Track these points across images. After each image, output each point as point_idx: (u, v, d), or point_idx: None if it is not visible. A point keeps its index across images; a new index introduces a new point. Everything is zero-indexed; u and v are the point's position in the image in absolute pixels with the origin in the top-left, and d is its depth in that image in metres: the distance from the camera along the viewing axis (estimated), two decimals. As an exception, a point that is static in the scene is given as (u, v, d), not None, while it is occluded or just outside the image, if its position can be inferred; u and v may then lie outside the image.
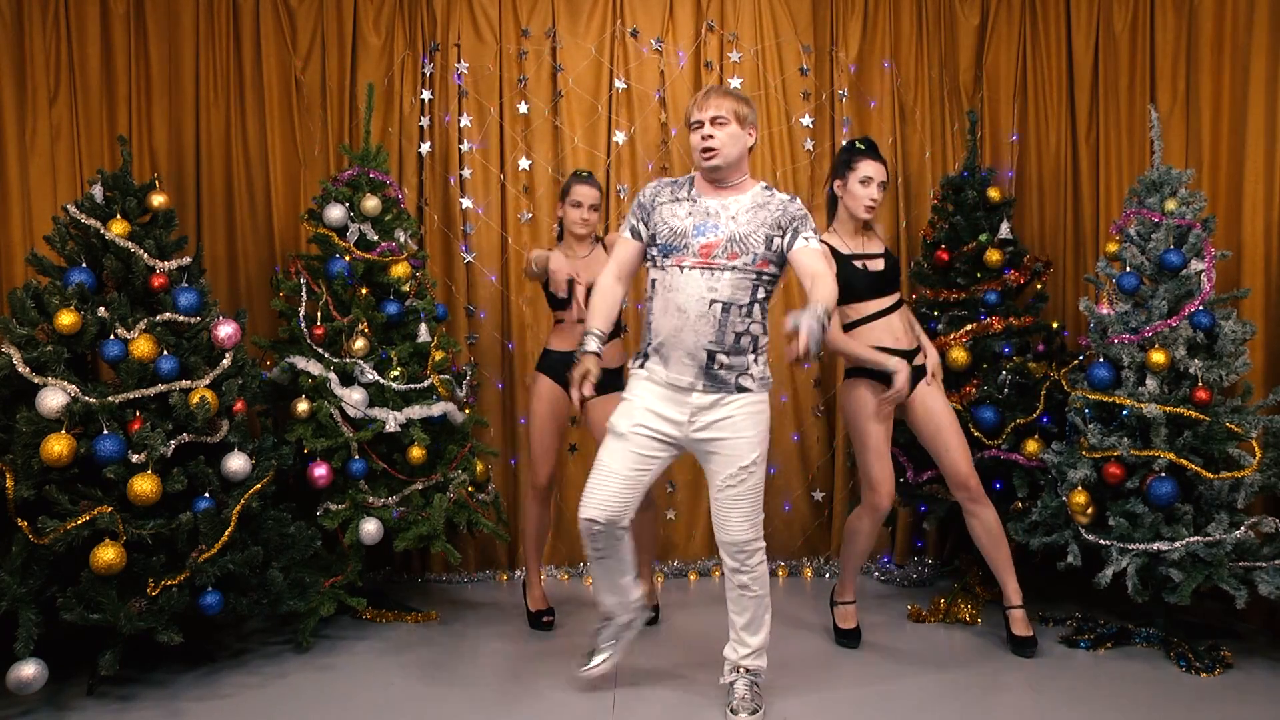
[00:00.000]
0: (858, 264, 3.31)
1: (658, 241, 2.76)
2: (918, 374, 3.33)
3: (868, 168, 3.28)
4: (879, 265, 3.34)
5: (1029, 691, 3.04)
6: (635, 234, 2.84)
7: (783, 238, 2.72)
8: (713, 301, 2.67)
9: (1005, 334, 3.89)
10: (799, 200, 2.79)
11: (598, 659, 3.04)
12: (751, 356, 2.74)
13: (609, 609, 3.00)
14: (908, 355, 3.30)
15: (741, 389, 2.73)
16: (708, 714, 2.90)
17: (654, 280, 2.78)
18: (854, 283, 3.30)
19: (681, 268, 2.70)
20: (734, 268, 2.67)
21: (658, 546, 4.36)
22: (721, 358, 2.69)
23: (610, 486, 2.74)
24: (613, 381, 3.49)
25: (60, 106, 3.98)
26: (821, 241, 2.80)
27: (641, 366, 2.81)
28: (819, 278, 2.63)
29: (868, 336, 3.30)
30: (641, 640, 3.49)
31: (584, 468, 4.35)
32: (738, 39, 4.34)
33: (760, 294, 2.73)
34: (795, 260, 2.72)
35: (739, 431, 2.73)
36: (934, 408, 3.32)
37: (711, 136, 2.71)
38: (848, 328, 3.32)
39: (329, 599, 3.47)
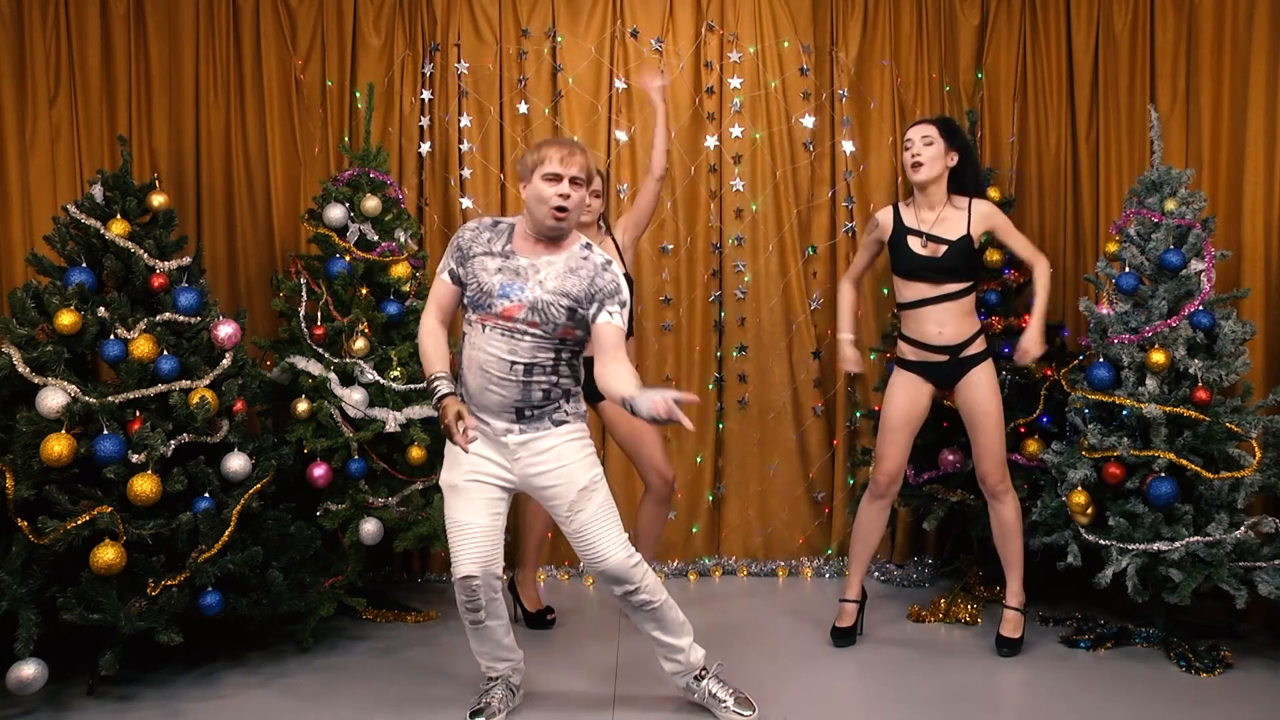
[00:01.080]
0: (911, 240, 3.27)
1: (467, 293, 2.66)
2: (963, 365, 3.28)
3: (909, 133, 3.30)
4: (937, 250, 3.25)
5: (1028, 691, 3.04)
6: (453, 277, 2.69)
7: (586, 309, 2.59)
8: (514, 364, 2.58)
9: (1005, 334, 3.89)
10: (614, 268, 2.63)
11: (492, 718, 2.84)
12: (562, 403, 2.67)
13: (500, 672, 2.87)
14: (951, 350, 3.28)
15: (558, 423, 2.66)
16: (708, 714, 2.90)
17: (464, 330, 2.69)
18: (898, 259, 3.30)
19: (484, 326, 2.60)
20: (533, 334, 2.58)
21: (655, 546, 4.37)
22: (529, 411, 2.63)
23: (474, 537, 2.65)
24: None
25: (60, 106, 3.98)
26: (626, 319, 2.61)
27: None
28: (612, 365, 2.52)
29: (908, 323, 3.33)
30: (641, 641, 3.49)
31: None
32: (738, 39, 4.34)
33: (565, 354, 2.65)
34: (595, 335, 2.59)
35: (565, 460, 2.65)
36: (974, 398, 3.29)
37: (568, 196, 2.55)
38: (899, 307, 3.36)
39: (329, 599, 3.47)
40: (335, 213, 3.74)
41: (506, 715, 2.87)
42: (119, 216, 3.32)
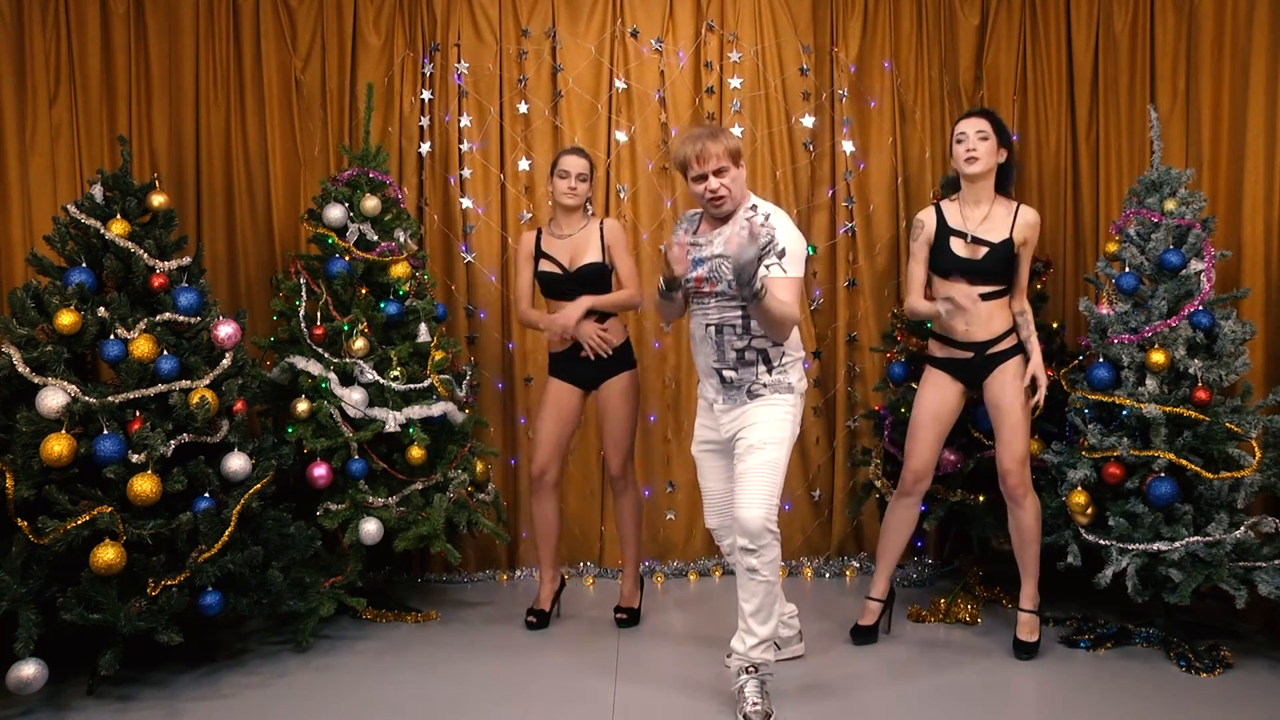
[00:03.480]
0: (954, 241, 3.27)
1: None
2: (990, 361, 3.26)
3: (962, 126, 3.27)
4: (978, 252, 3.24)
5: (1029, 691, 3.04)
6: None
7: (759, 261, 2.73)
8: (708, 325, 2.89)
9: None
10: (774, 220, 2.81)
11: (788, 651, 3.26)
12: (761, 368, 2.87)
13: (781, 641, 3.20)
14: (977, 347, 3.27)
15: (754, 395, 2.88)
16: (708, 714, 2.90)
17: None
18: (937, 259, 3.31)
19: (692, 303, 2.94)
20: (715, 295, 2.85)
21: (655, 546, 4.37)
22: (729, 374, 2.88)
23: (713, 502, 3.09)
24: (619, 362, 3.59)
25: (60, 106, 3.98)
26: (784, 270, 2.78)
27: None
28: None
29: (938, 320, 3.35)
30: (641, 640, 3.50)
31: (582, 469, 4.38)
32: (738, 39, 4.34)
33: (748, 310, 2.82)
34: (771, 282, 2.77)
35: (754, 420, 2.87)
36: (998, 393, 3.27)
37: (717, 189, 2.80)
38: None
39: (329, 599, 3.47)
40: (335, 213, 3.74)
41: (801, 643, 3.32)
42: (119, 216, 3.33)
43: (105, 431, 3.02)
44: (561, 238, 3.59)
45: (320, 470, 3.53)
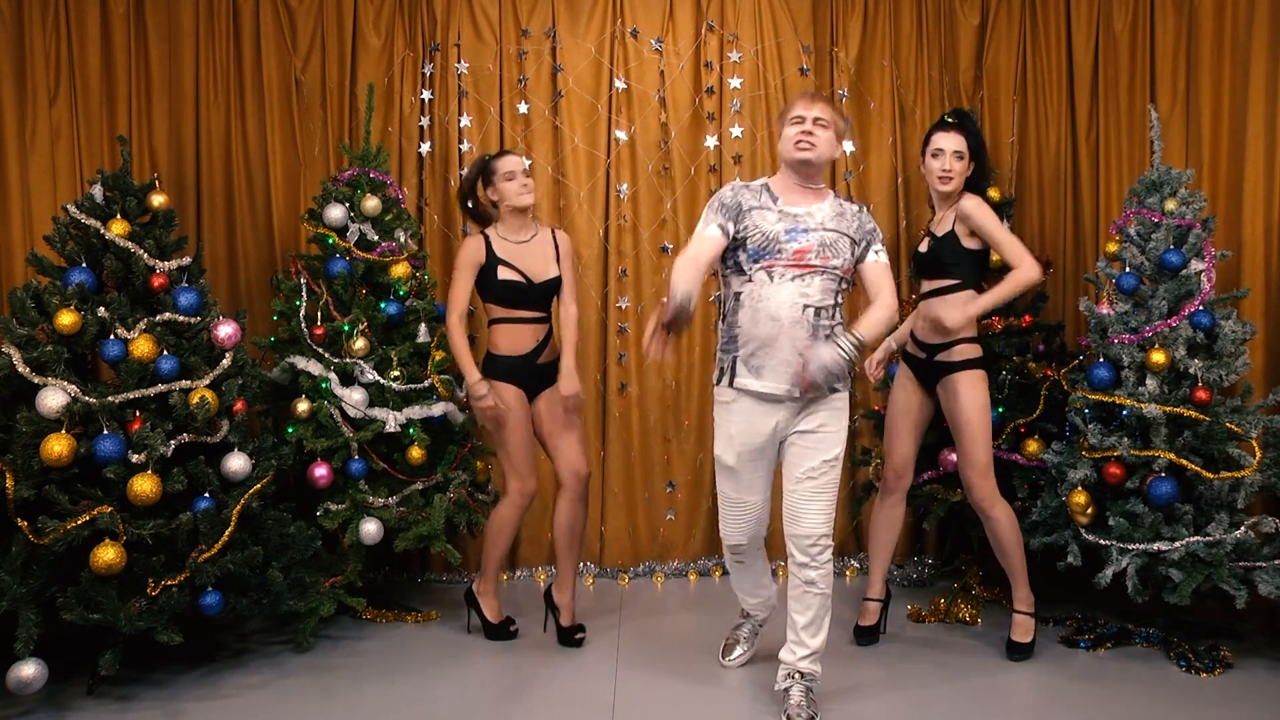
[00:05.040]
0: (923, 241, 3.35)
1: (748, 246, 2.73)
2: (940, 368, 3.25)
3: (938, 140, 3.25)
4: (927, 246, 3.30)
5: (1028, 691, 3.04)
6: (724, 230, 2.75)
7: (858, 247, 2.80)
8: (805, 306, 2.70)
9: (1005, 334, 3.89)
10: (869, 210, 2.90)
11: (739, 651, 3.25)
12: None
13: (751, 607, 3.24)
14: (929, 349, 3.27)
15: (834, 391, 2.78)
16: (708, 714, 2.90)
17: (738, 293, 2.76)
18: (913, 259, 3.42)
19: (771, 274, 2.71)
20: (825, 271, 2.72)
21: (656, 546, 4.37)
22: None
23: (750, 514, 2.89)
24: (556, 373, 3.42)
25: (60, 106, 3.98)
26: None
27: (730, 385, 2.78)
28: (879, 299, 2.77)
29: (912, 316, 3.40)
30: (641, 641, 3.49)
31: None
32: (738, 39, 4.34)
33: (840, 298, 2.80)
34: (864, 274, 2.82)
35: (827, 426, 2.77)
36: (950, 406, 3.25)
37: (812, 134, 2.74)
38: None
39: (329, 599, 3.47)
40: (335, 213, 3.74)
41: (751, 652, 3.25)
42: (119, 216, 3.32)
43: (105, 431, 3.02)
44: (518, 243, 3.37)
45: (320, 470, 3.53)
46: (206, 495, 3.16)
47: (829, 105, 2.79)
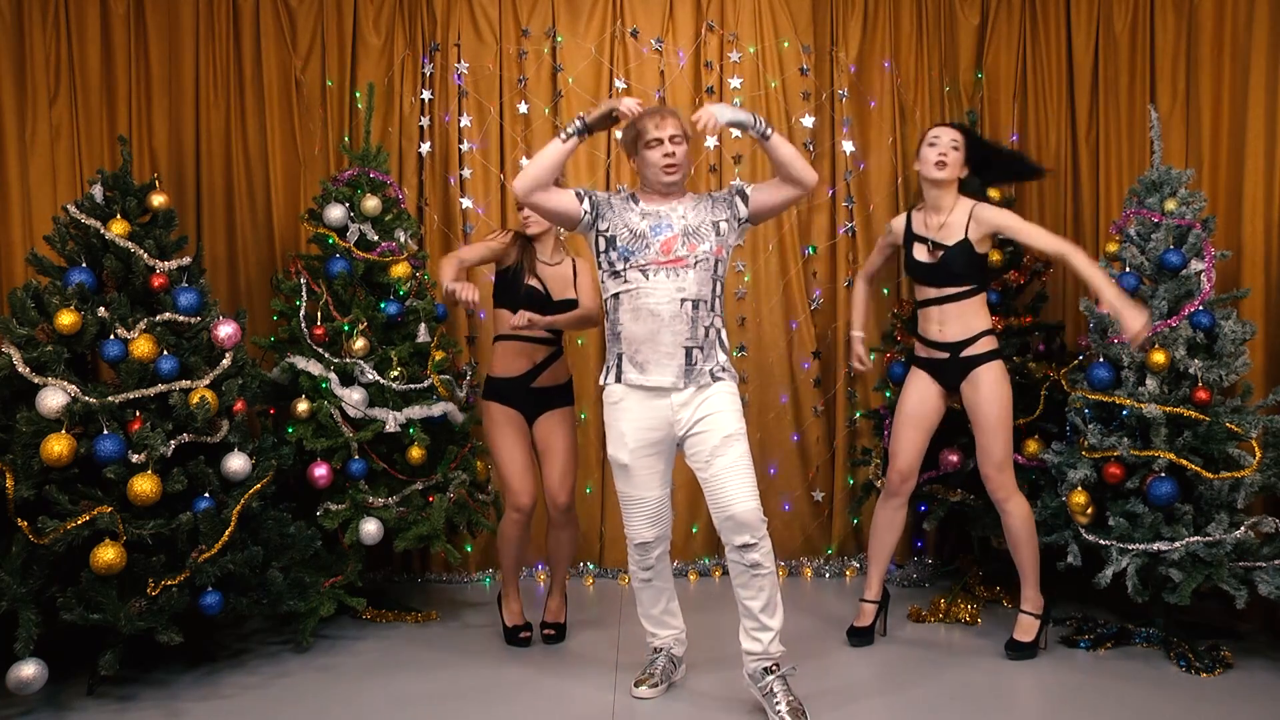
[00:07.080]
0: (917, 247, 3.31)
1: (617, 244, 2.84)
2: (966, 364, 3.25)
3: (937, 131, 3.29)
4: (936, 257, 3.26)
5: (1029, 692, 3.04)
6: (581, 197, 2.87)
7: (729, 210, 2.89)
8: (683, 300, 2.79)
9: (1007, 334, 3.88)
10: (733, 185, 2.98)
11: (649, 687, 3.03)
12: (717, 353, 2.86)
13: (663, 640, 3.10)
14: (952, 348, 3.27)
15: (715, 378, 2.84)
16: (708, 713, 2.90)
17: (616, 294, 2.85)
18: (905, 264, 3.39)
19: (645, 273, 2.80)
20: (696, 262, 2.80)
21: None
22: (697, 354, 2.81)
23: (650, 510, 2.94)
24: (561, 397, 3.48)
25: (60, 106, 3.98)
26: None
27: (618, 381, 2.87)
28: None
29: (919, 320, 3.38)
30: (642, 641, 3.49)
31: (582, 469, 4.36)
32: (738, 39, 4.34)
33: (718, 288, 2.87)
34: (756, 191, 2.90)
35: (718, 408, 2.81)
36: (974, 398, 3.25)
37: (673, 154, 2.85)
38: (915, 306, 3.42)
39: (329, 599, 3.47)
40: (335, 213, 3.74)
41: (667, 685, 3.06)
42: (119, 216, 3.32)
43: (105, 431, 3.02)
44: (550, 265, 3.45)
45: (320, 470, 3.53)
46: (206, 495, 3.16)
47: (677, 118, 2.88)
